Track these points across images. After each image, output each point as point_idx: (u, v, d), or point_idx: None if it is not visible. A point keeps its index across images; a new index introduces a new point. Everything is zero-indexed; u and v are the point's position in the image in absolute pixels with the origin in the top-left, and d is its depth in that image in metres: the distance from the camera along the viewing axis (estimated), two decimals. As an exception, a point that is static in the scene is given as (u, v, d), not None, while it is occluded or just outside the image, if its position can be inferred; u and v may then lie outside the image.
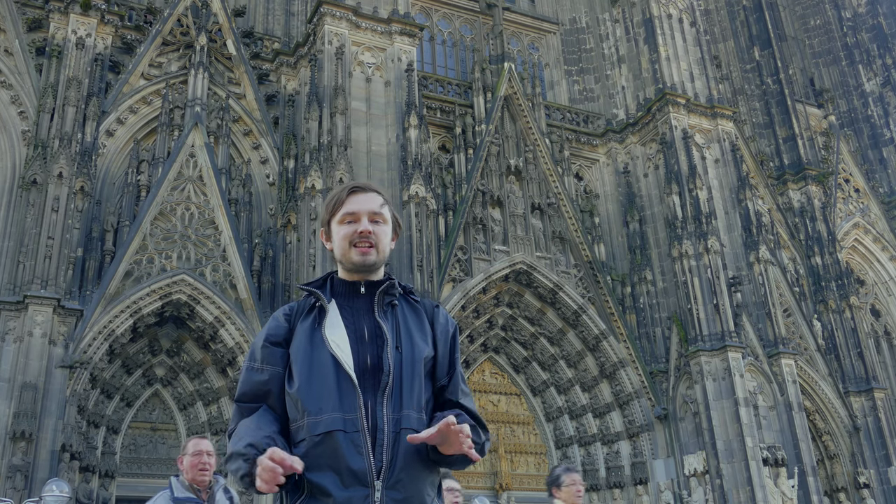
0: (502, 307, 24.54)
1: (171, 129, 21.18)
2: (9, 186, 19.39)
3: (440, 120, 24.96)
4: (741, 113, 31.04)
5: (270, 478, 2.50)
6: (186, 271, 19.73)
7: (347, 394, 2.72)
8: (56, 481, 14.41)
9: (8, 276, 18.40)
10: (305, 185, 20.53)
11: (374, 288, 2.93)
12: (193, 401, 20.82)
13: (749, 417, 22.45)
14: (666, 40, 27.76)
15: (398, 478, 2.66)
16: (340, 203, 2.98)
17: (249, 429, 2.74)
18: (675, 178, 25.40)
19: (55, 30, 20.80)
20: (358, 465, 2.63)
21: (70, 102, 19.70)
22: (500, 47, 26.60)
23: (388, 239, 2.99)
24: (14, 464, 16.26)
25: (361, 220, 2.93)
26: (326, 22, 22.28)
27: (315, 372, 2.77)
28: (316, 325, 2.87)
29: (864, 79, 35.46)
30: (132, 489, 19.70)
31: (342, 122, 21.16)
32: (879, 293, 31.66)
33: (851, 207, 31.81)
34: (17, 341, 17.39)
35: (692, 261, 24.26)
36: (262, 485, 2.52)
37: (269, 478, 2.50)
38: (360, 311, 2.89)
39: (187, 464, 5.88)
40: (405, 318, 2.93)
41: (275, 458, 2.51)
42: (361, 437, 2.66)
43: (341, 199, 2.99)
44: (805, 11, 37.33)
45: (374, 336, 2.84)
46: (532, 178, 24.84)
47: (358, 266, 2.93)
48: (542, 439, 25.19)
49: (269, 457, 2.51)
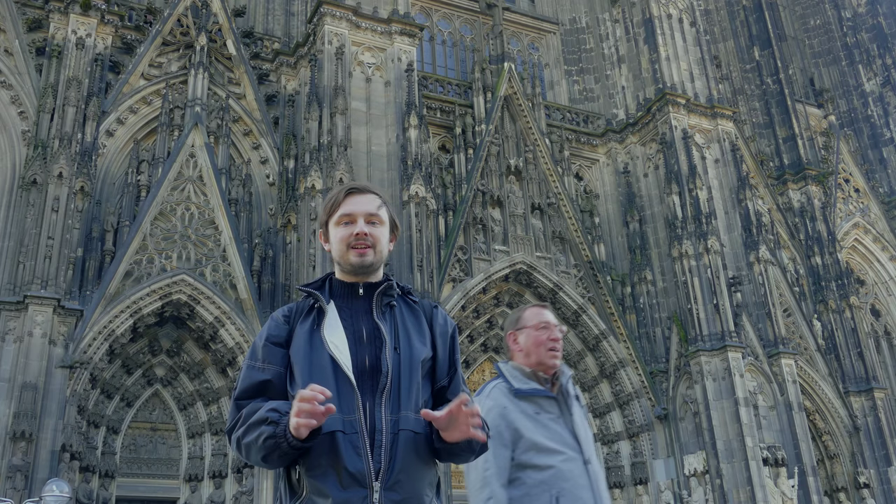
0: (502, 307, 24.54)
1: (171, 129, 21.18)
2: (9, 186, 19.39)
3: (440, 120, 24.96)
4: (741, 113, 31.04)
5: (310, 409, 2.49)
6: (186, 271, 19.73)
7: (346, 395, 2.72)
8: (56, 481, 14.44)
9: (8, 276, 18.40)
10: (305, 186, 20.54)
11: (373, 289, 2.93)
12: (193, 401, 20.82)
13: (749, 417, 22.45)
14: (666, 40, 27.77)
15: (396, 479, 2.66)
16: (337, 205, 2.99)
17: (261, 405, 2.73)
18: (675, 178, 25.41)
19: (55, 30, 20.81)
20: (356, 466, 2.63)
21: (70, 102, 19.70)
22: (500, 47, 26.61)
23: (385, 240, 2.99)
24: (14, 464, 16.26)
25: (358, 221, 2.94)
26: (326, 22, 22.28)
27: (314, 373, 2.77)
28: (315, 326, 2.88)
29: (864, 79, 35.46)
30: (132, 489, 19.71)
31: (342, 122, 21.17)
32: (879, 293, 31.66)
33: (851, 207, 31.81)
34: (17, 341, 17.39)
35: (692, 261, 24.27)
36: (299, 419, 2.50)
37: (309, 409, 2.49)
38: (358, 313, 2.90)
39: (528, 341, 4.14)
40: (403, 320, 2.94)
41: (315, 389, 2.52)
42: (360, 439, 2.67)
43: (338, 201, 3.00)
44: (805, 11, 37.33)
45: (373, 337, 2.84)
46: (532, 178, 24.85)
47: (355, 267, 2.93)
48: (542, 439, 25.17)
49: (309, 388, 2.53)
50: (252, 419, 2.70)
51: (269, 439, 2.61)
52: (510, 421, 3.90)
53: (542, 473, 3.82)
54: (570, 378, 4.20)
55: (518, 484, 3.82)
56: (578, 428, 4.03)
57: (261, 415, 2.68)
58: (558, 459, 3.86)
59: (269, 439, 2.61)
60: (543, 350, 4.08)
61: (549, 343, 4.09)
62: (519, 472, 3.83)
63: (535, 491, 3.79)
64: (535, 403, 3.98)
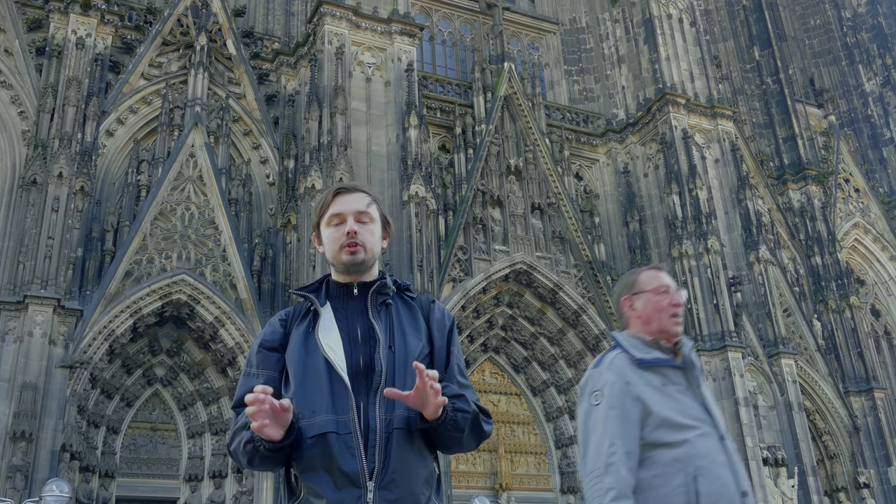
0: (502, 307, 24.54)
1: (171, 129, 21.19)
2: (9, 186, 19.39)
3: (440, 120, 24.97)
4: (741, 113, 31.06)
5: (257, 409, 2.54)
6: (186, 271, 19.74)
7: (340, 396, 2.73)
8: (56, 481, 14.43)
9: (8, 276, 18.41)
10: (305, 185, 20.54)
11: (367, 288, 2.94)
12: (193, 401, 20.82)
13: (749, 417, 22.46)
14: (666, 40, 27.78)
15: (391, 478, 2.66)
16: (327, 205, 3.00)
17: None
18: (675, 178, 25.42)
19: (55, 30, 20.81)
20: (350, 466, 2.64)
21: (70, 102, 19.71)
22: (500, 47, 26.61)
23: (375, 238, 3.00)
24: (14, 464, 16.26)
25: (348, 220, 2.95)
26: (326, 22, 22.29)
27: (309, 375, 2.78)
28: (310, 328, 2.89)
29: (864, 79, 35.47)
30: (132, 489, 19.72)
31: (342, 122, 21.17)
32: (879, 293, 31.66)
33: (851, 207, 31.81)
34: (17, 341, 17.40)
35: (692, 261, 24.28)
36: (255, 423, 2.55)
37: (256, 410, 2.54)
38: (353, 313, 2.90)
39: (647, 307, 3.73)
40: (399, 317, 2.94)
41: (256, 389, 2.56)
42: (353, 439, 2.67)
43: (327, 202, 3.01)
44: (805, 11, 37.33)
45: (368, 337, 2.85)
46: (532, 178, 24.85)
47: (347, 266, 2.94)
48: (542, 439, 25.19)
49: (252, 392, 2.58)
50: (236, 426, 2.78)
51: (248, 444, 2.67)
52: (637, 395, 3.45)
53: (676, 450, 3.38)
54: (692, 348, 3.75)
55: (648, 464, 3.38)
56: (709, 400, 3.63)
57: (241, 421, 2.73)
58: (693, 434, 3.44)
59: (248, 444, 2.67)
60: (665, 316, 3.67)
61: (670, 309, 3.68)
62: (649, 452, 3.39)
63: (668, 470, 3.35)
64: (661, 374, 3.57)
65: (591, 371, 3.63)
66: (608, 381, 3.49)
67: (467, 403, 2.81)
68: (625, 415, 3.39)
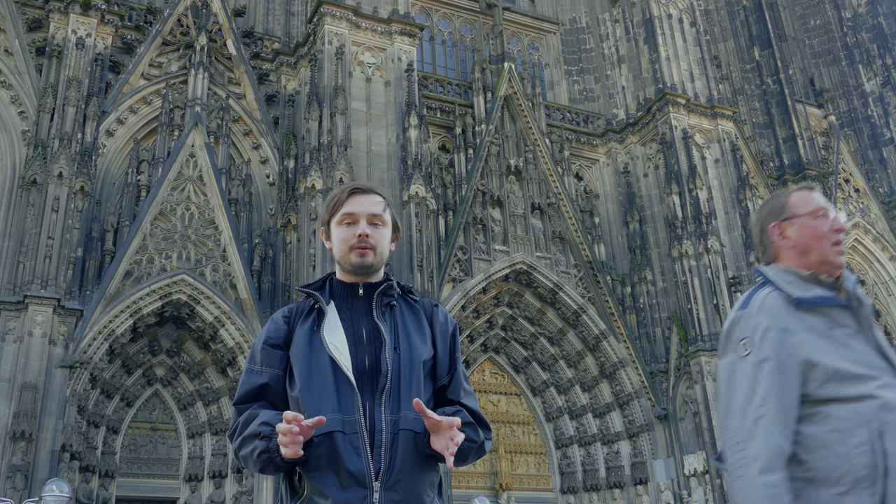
0: (502, 307, 24.54)
1: (171, 129, 21.19)
2: (9, 186, 19.39)
3: (440, 120, 24.97)
4: (741, 113, 31.05)
5: (290, 440, 2.53)
6: (186, 271, 19.74)
7: (346, 395, 2.72)
8: (56, 481, 14.43)
9: (8, 276, 18.41)
10: (305, 185, 20.55)
11: (373, 289, 2.93)
12: (193, 401, 20.82)
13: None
14: (666, 40, 27.78)
15: (396, 478, 2.66)
16: (340, 204, 2.97)
17: (256, 415, 2.76)
18: (675, 178, 25.42)
19: (55, 30, 20.81)
20: (356, 466, 2.63)
21: (70, 102, 19.71)
22: (500, 47, 26.61)
23: (386, 241, 2.98)
24: (14, 464, 16.26)
25: (360, 222, 2.92)
26: (326, 22, 22.29)
27: (314, 374, 2.77)
28: (315, 327, 2.87)
29: (864, 79, 35.46)
30: (132, 489, 19.72)
31: (342, 122, 21.17)
32: (879, 293, 31.65)
33: (851, 207, 31.80)
34: (17, 341, 17.40)
35: (692, 261, 24.28)
36: (286, 449, 2.55)
37: (289, 440, 2.53)
38: (358, 313, 2.89)
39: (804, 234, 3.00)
40: (404, 319, 2.93)
41: (288, 419, 2.55)
42: (360, 439, 2.67)
43: (341, 200, 2.98)
44: (805, 11, 37.34)
45: (373, 338, 2.83)
46: (532, 178, 24.85)
47: (356, 268, 2.92)
48: (542, 439, 25.19)
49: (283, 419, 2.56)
50: (246, 432, 2.73)
51: (263, 454, 2.64)
52: (796, 344, 2.79)
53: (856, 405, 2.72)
54: (856, 281, 3.00)
55: (820, 418, 2.74)
56: (884, 344, 2.91)
57: (253, 429, 2.70)
58: (873, 386, 2.75)
59: (262, 454, 2.64)
60: (827, 245, 2.95)
61: (832, 235, 2.96)
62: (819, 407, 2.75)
63: (847, 425, 2.70)
64: (825, 316, 2.86)
65: (736, 313, 2.93)
66: (760, 326, 2.81)
67: (476, 433, 2.82)
68: (781, 367, 2.75)
